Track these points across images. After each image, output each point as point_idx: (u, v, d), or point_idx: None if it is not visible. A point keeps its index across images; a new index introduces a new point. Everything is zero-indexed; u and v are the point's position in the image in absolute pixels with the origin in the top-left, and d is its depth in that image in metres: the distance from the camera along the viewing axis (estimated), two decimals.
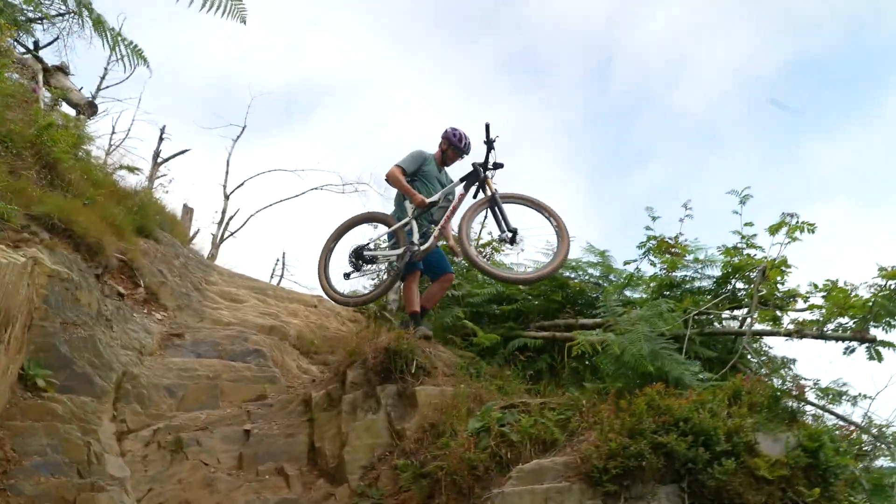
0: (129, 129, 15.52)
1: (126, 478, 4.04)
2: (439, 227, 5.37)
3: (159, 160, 15.77)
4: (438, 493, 3.69)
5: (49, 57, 7.85)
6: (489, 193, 5.09)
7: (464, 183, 5.32)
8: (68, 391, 4.24)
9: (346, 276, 5.53)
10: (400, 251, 5.28)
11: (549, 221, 4.96)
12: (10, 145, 5.29)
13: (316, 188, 18.77)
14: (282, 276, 17.79)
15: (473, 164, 5.25)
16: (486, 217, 5.61)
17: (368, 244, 5.60)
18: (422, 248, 5.27)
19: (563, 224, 4.90)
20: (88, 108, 8.02)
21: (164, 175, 15.48)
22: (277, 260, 18.34)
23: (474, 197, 5.27)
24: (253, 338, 6.30)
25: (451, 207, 5.37)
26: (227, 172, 17.91)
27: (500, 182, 5.26)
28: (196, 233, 13.51)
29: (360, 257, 5.51)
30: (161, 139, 15.77)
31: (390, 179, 5.60)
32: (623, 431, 3.24)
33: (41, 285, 4.39)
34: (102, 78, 13.87)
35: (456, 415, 4.19)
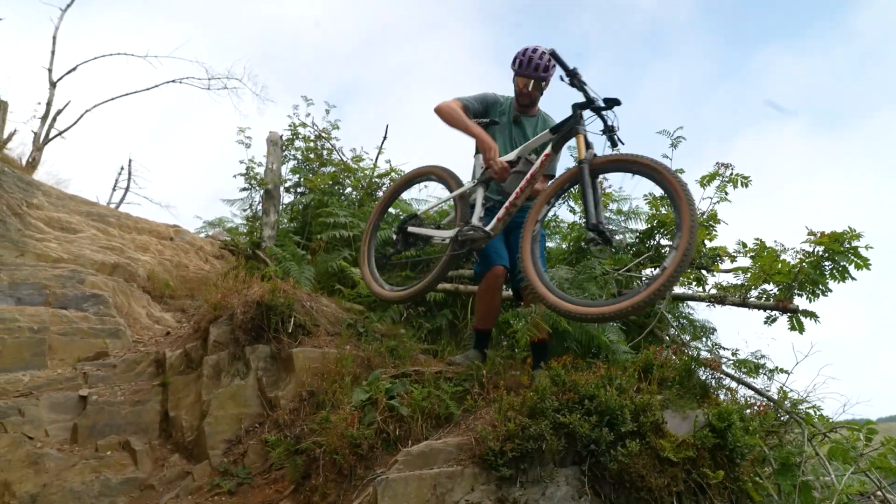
0: None
1: None
2: (508, 203, 4.29)
3: None
4: (315, 472, 3.87)
5: None
6: (580, 158, 3.94)
7: (555, 136, 4.24)
8: None
9: (385, 257, 5.18)
10: (449, 233, 4.50)
11: (673, 201, 3.73)
12: None
13: (173, 81, 18.11)
14: (127, 189, 17.30)
15: (573, 106, 4.13)
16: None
17: (415, 216, 4.96)
18: (478, 232, 4.31)
19: (691, 206, 3.60)
20: None
21: None
22: (122, 169, 17.75)
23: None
24: (91, 279, 6.26)
25: (528, 174, 4.22)
26: (53, 52, 16.93)
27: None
28: (12, 134, 12.82)
29: (404, 234, 4.84)
30: None
31: (442, 113, 4.63)
32: (523, 410, 3.52)
33: None
34: None
35: (339, 383, 4.35)
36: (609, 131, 3.97)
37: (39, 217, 7.36)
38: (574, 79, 4.04)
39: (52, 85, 16.62)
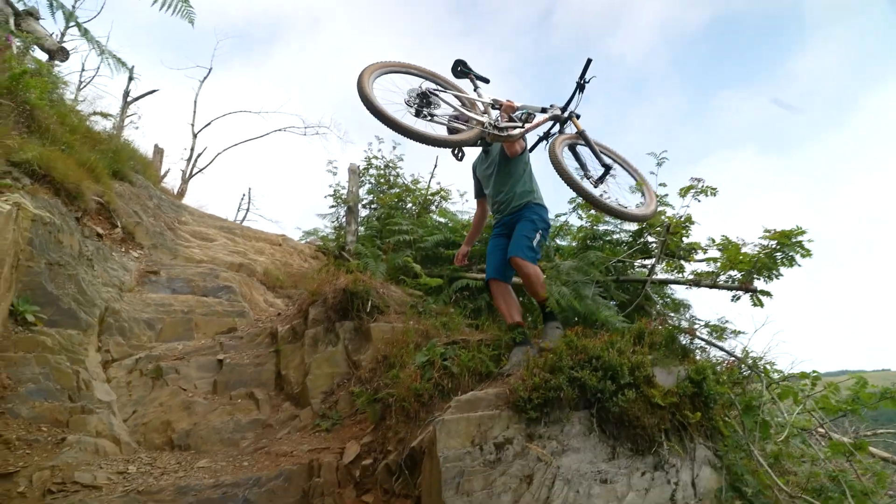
0: (98, 67, 14.78)
1: (113, 401, 4.11)
2: (524, 128, 4.11)
3: (129, 99, 15.10)
4: (389, 416, 3.89)
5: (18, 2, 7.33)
6: (579, 129, 4.20)
7: (543, 113, 4.25)
8: (56, 325, 4.23)
9: (408, 104, 3.65)
10: (482, 117, 3.93)
11: (633, 175, 4.53)
12: None
13: (279, 130, 18.42)
14: (248, 210, 17.63)
15: (552, 104, 4.27)
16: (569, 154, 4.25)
17: (438, 90, 3.84)
18: (506, 128, 3.99)
19: (647, 180, 4.58)
20: (60, 54, 7.55)
21: (134, 114, 14.90)
22: (243, 195, 18.16)
23: (546, 139, 4.28)
24: (223, 274, 6.35)
25: (535, 121, 4.19)
26: (194, 112, 17.39)
27: None
28: (167, 172, 13.17)
29: (425, 98, 3.68)
30: (130, 79, 15.08)
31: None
32: (545, 367, 3.48)
33: (25, 229, 4.30)
34: (70, 15, 13.08)
35: (405, 349, 4.36)
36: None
37: (186, 230, 7.53)
38: (582, 88, 4.14)
39: (194, 136, 17.00)
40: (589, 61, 4.03)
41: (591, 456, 3.30)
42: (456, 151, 3.91)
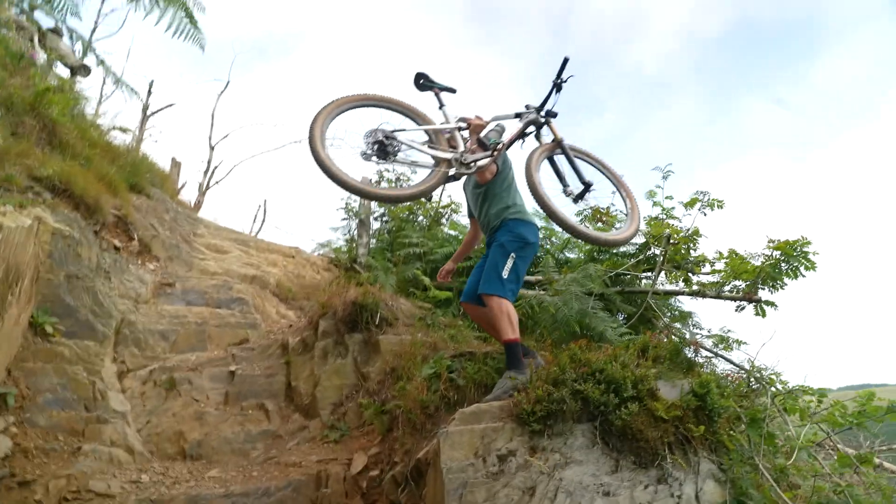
0: (117, 83, 15.04)
1: (127, 412, 4.18)
2: (492, 155, 3.84)
3: (148, 113, 15.36)
4: (396, 427, 3.93)
5: (43, 18, 7.56)
6: (557, 138, 3.90)
7: (517, 119, 3.98)
8: (73, 336, 4.31)
9: (366, 155, 3.48)
10: (446, 154, 3.68)
11: (618, 191, 4.12)
12: (11, 109, 5.17)
13: (294, 141, 18.62)
14: (263, 221, 17.79)
15: (528, 106, 4.01)
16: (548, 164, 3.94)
17: (397, 131, 3.53)
18: (472, 161, 3.73)
19: (633, 195, 4.10)
20: (83, 70, 7.75)
21: (153, 127, 15.15)
22: (259, 207, 18.33)
23: (522, 138, 3.97)
24: (237, 286, 6.40)
25: (512, 134, 3.95)
26: (211, 125, 17.66)
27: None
28: (184, 185, 13.33)
29: (382, 145, 3.44)
30: (150, 93, 15.33)
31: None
32: (549, 380, 3.50)
33: (45, 242, 4.41)
34: (93, 32, 13.34)
35: (413, 361, 4.38)
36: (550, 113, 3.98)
37: (201, 243, 7.64)
38: (559, 88, 3.90)
39: (211, 148, 17.25)
40: (566, 60, 3.82)
41: (593, 469, 3.31)
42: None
